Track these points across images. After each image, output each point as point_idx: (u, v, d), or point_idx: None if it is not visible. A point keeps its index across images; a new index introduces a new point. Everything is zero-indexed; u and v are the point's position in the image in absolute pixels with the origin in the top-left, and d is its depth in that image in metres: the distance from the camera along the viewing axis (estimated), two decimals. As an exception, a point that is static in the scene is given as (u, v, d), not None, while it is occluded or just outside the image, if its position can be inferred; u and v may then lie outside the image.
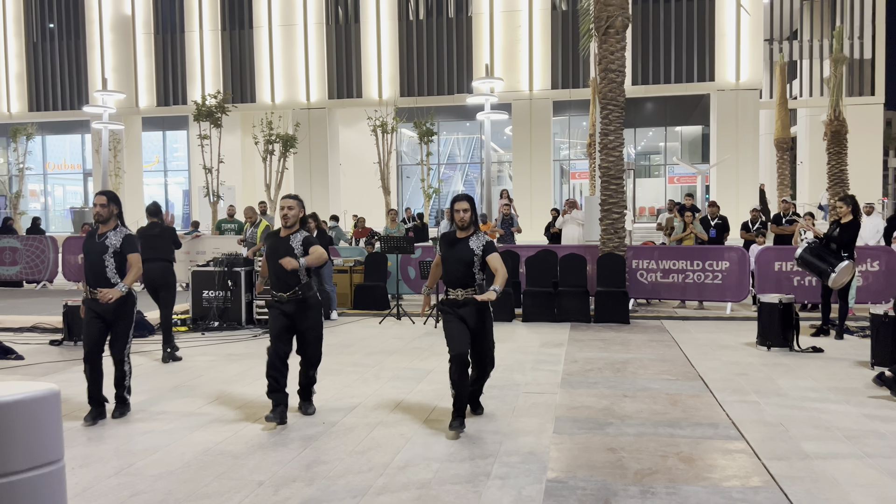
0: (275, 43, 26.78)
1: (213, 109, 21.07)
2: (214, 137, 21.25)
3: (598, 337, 8.88)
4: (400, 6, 26.21)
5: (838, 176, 17.11)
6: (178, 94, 27.58)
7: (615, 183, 11.05)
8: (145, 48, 27.74)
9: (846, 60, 18.71)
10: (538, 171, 25.68)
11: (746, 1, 23.66)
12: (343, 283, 11.84)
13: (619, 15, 10.87)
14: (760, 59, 24.65)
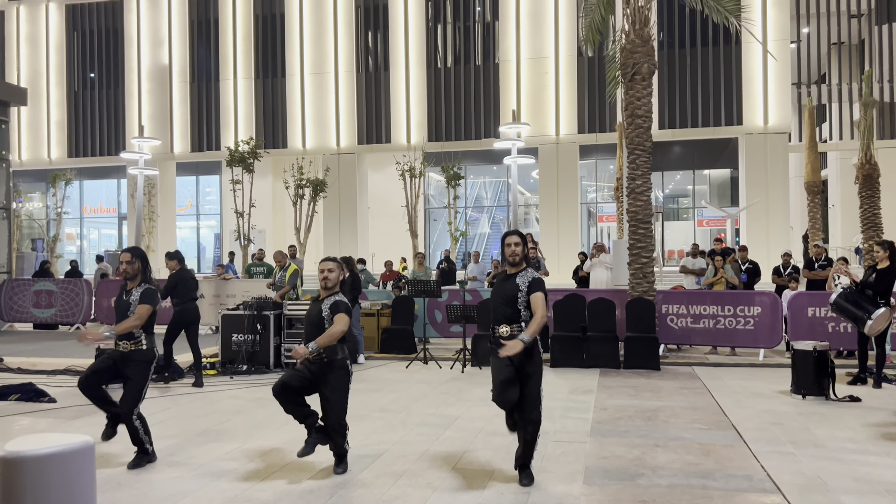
0: (306, 90, 27.41)
1: (246, 155, 21.53)
2: (246, 182, 21.67)
3: (627, 383, 8.75)
4: (428, 54, 26.74)
5: (871, 220, 16.86)
6: (212, 140, 28.25)
7: (643, 227, 11.01)
8: (181, 96, 28.56)
9: (876, 104, 18.58)
10: (565, 214, 25.69)
11: (772, 46, 23.75)
12: (370, 326, 11.87)
13: (645, 62, 10.97)
14: (788, 102, 24.60)
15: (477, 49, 26.74)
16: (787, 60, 24.68)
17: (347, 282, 10.68)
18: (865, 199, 17.10)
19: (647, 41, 11.06)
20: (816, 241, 17.80)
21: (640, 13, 11.07)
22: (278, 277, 10.98)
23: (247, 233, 21.83)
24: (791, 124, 25.70)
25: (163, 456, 5.60)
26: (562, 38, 25.57)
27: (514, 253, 4.84)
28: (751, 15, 21.90)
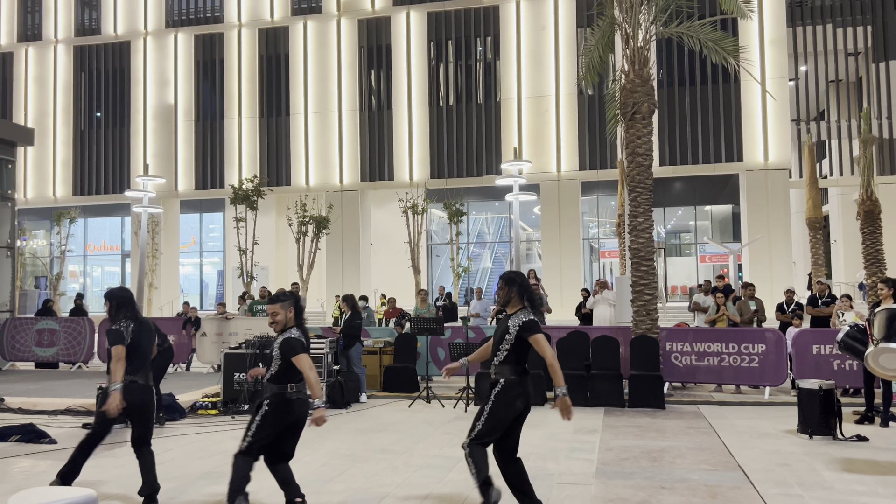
0: (310, 128, 27.71)
1: (250, 193, 21.68)
2: (250, 220, 21.79)
3: (633, 423, 8.67)
4: (430, 93, 27.07)
5: (874, 255, 16.86)
6: (216, 178, 28.48)
7: (646, 264, 11.02)
8: (186, 135, 28.87)
9: (875, 141, 18.73)
10: (567, 250, 25.73)
11: (771, 84, 24.02)
12: (373, 364, 11.81)
13: (645, 101, 11.10)
14: (788, 139, 24.79)
15: (478, 88, 27.08)
16: (786, 98, 24.94)
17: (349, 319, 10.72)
18: (867, 235, 17.13)
19: (647, 81, 11.20)
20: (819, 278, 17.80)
21: (639, 53, 11.24)
22: (281, 316, 10.96)
23: (250, 270, 21.86)
24: (791, 160, 25.86)
25: (164, 500, 5.54)
26: (562, 76, 25.91)
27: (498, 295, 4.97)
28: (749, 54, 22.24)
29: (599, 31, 12.22)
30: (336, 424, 8.81)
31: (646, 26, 11.35)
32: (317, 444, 7.59)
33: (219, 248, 30.88)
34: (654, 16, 11.36)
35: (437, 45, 27.28)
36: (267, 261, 27.27)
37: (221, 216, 30.17)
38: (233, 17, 28.75)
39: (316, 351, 10.08)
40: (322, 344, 10.14)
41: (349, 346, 10.65)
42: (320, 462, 6.76)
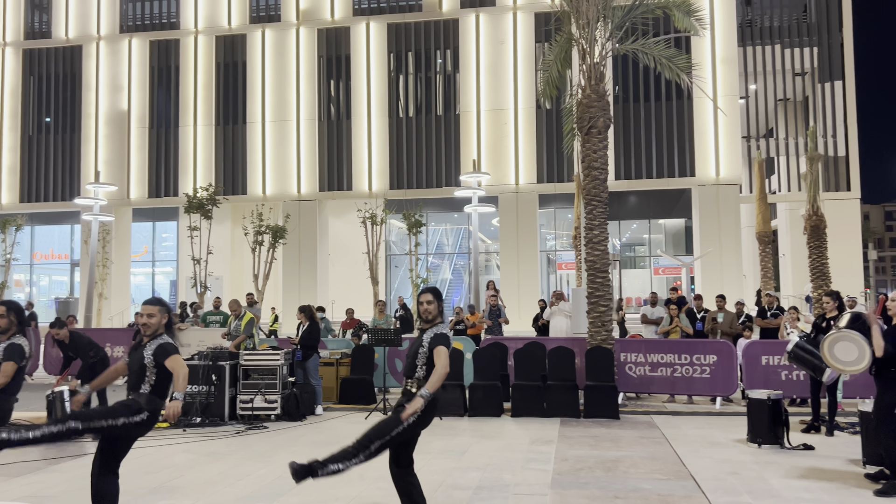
0: (267, 137, 27.44)
1: (204, 201, 21.35)
2: (204, 229, 21.43)
3: (588, 433, 8.75)
4: (390, 104, 27.09)
5: (820, 269, 17.39)
6: (170, 187, 27.97)
7: (601, 276, 11.17)
8: (139, 142, 28.32)
9: (821, 158, 19.38)
10: (525, 261, 25.93)
11: (722, 101, 24.68)
12: (329, 376, 11.70)
13: (600, 116, 11.29)
14: (739, 155, 25.46)
15: (438, 100, 27.20)
16: (737, 115, 25.63)
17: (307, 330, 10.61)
18: (814, 250, 17.67)
19: (603, 96, 11.40)
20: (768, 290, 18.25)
21: (595, 69, 11.44)
22: (233, 326, 10.81)
23: (204, 280, 21.49)
24: (742, 176, 26.55)
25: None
26: (520, 90, 26.20)
27: (426, 311, 4.88)
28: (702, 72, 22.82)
29: (557, 47, 12.41)
30: (291, 437, 8.69)
31: (602, 42, 11.56)
32: (271, 457, 7.48)
33: (172, 257, 30.28)
34: (610, 32, 11.58)
35: (397, 56, 27.34)
36: (221, 271, 26.84)
37: (175, 225, 29.61)
38: (189, 24, 28.37)
39: (271, 363, 9.96)
40: (277, 355, 10.01)
41: (307, 357, 10.54)
42: (274, 475, 6.66)
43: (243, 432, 8.99)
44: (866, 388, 10.33)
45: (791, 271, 28.58)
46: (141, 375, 4.70)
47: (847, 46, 28.46)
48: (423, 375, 4.77)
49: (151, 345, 4.76)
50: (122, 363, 4.93)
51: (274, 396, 9.82)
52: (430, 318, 4.90)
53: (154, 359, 4.69)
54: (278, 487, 6.20)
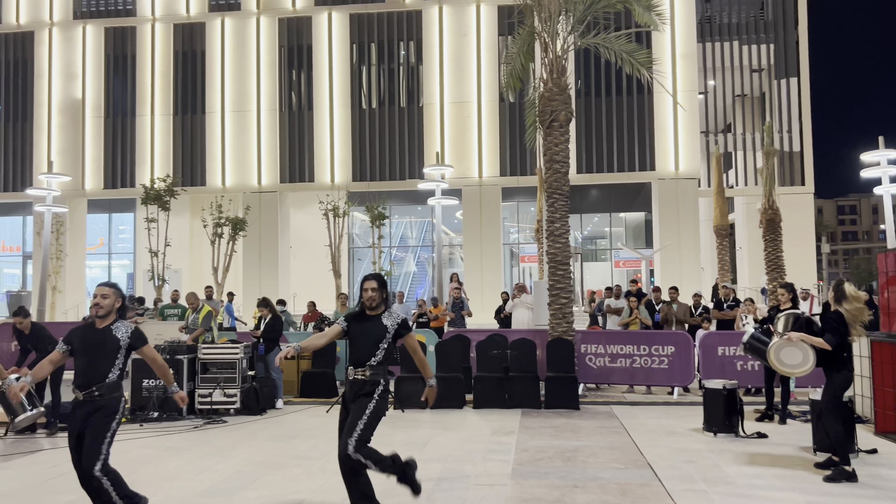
0: (227, 128, 27.02)
1: (162, 193, 20.95)
2: (162, 220, 21.04)
3: (548, 423, 8.83)
4: (353, 95, 26.89)
5: (775, 262, 17.77)
6: (127, 177, 27.38)
7: (562, 268, 11.25)
8: (94, 131, 27.65)
9: (777, 153, 19.81)
10: (488, 254, 26.03)
11: (682, 96, 25.05)
12: (290, 369, 11.59)
13: (562, 109, 11.35)
14: (697, 150, 25.89)
15: (401, 91, 27.08)
16: (696, 110, 26.04)
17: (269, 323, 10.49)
18: (769, 243, 18.04)
19: (565, 90, 11.46)
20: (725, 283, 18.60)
21: (557, 63, 11.49)
22: (191, 320, 10.64)
23: (161, 273, 21.10)
24: (700, 170, 27.01)
25: (62, 512, 5.27)
26: (484, 83, 26.23)
27: (371, 298, 4.85)
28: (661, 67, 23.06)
29: (520, 40, 12.43)
30: (251, 431, 8.60)
31: (564, 36, 11.62)
32: (230, 452, 7.39)
33: (129, 249, 29.68)
34: (571, 26, 11.64)
35: (360, 47, 27.13)
36: (180, 263, 26.40)
37: (132, 217, 29.02)
38: (146, 11, 27.75)
39: (230, 356, 9.83)
40: (236, 349, 9.89)
41: (269, 351, 10.43)
42: (233, 469, 6.58)
43: (202, 427, 8.87)
44: (817, 377, 10.58)
45: (747, 264, 29.18)
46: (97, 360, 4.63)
47: (802, 44, 29.10)
48: (380, 361, 4.78)
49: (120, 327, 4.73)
50: (57, 354, 4.77)
51: (233, 390, 9.70)
52: (373, 306, 4.87)
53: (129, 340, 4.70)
54: (237, 481, 6.13)
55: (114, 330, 4.72)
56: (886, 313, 8.20)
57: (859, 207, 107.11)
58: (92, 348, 4.65)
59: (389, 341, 4.82)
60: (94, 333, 4.70)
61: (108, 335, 4.69)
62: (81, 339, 4.69)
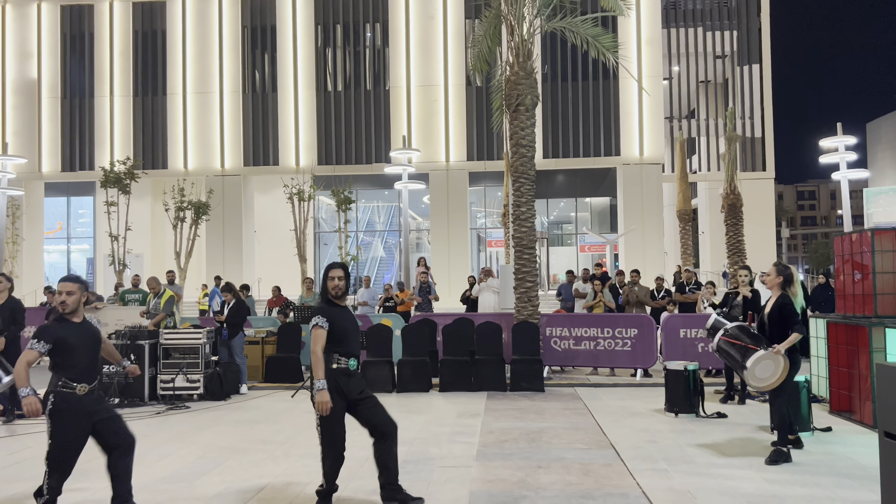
0: (189, 110, 26.52)
1: (122, 176, 20.51)
2: (122, 204, 20.61)
3: (513, 406, 8.89)
4: (318, 77, 26.56)
5: (736, 246, 18.11)
6: (85, 160, 26.75)
7: (528, 252, 11.30)
8: (50, 112, 26.92)
9: (739, 139, 20.09)
10: (456, 239, 26.05)
11: (647, 82, 25.25)
12: (254, 354, 11.49)
13: (528, 94, 11.35)
14: (662, 135, 26.16)
15: (367, 74, 26.83)
16: (660, 96, 26.28)
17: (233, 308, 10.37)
18: (731, 227, 18.38)
19: (531, 74, 11.45)
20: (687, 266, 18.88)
21: (523, 46, 11.47)
22: (152, 305, 10.46)
23: (122, 257, 20.70)
24: (664, 156, 27.32)
25: (20, 499, 5.16)
26: (451, 66, 26.11)
27: (336, 287, 4.76)
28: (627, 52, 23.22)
29: (487, 23, 12.38)
30: (214, 416, 8.51)
31: (530, 20, 11.59)
32: (193, 437, 7.30)
33: (89, 234, 29.06)
34: (538, 9, 11.62)
35: (325, 28, 26.78)
36: (141, 248, 25.92)
37: (91, 200, 28.40)
38: (104, -11, 27.03)
39: (192, 341, 9.70)
40: (199, 334, 9.76)
41: (233, 336, 10.31)
42: (196, 455, 6.51)
43: (164, 412, 8.75)
44: (776, 358, 10.85)
45: (710, 248, 29.69)
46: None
47: (764, 31, 29.51)
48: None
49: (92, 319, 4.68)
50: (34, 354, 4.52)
51: (196, 376, 9.58)
52: (339, 295, 4.78)
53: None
54: (200, 467, 6.07)
55: (91, 322, 4.69)
56: (842, 296, 8.41)
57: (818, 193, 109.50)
58: (92, 342, 4.60)
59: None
60: (80, 328, 4.59)
61: (91, 328, 4.65)
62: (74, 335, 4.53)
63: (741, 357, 6.29)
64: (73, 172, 26.92)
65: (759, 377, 6.15)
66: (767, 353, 6.07)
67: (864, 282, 7.91)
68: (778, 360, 6.08)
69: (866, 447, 6.50)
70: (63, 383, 4.46)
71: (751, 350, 6.21)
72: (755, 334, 6.41)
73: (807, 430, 7.04)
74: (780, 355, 6.05)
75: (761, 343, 6.23)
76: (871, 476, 5.45)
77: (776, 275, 6.33)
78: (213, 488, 5.41)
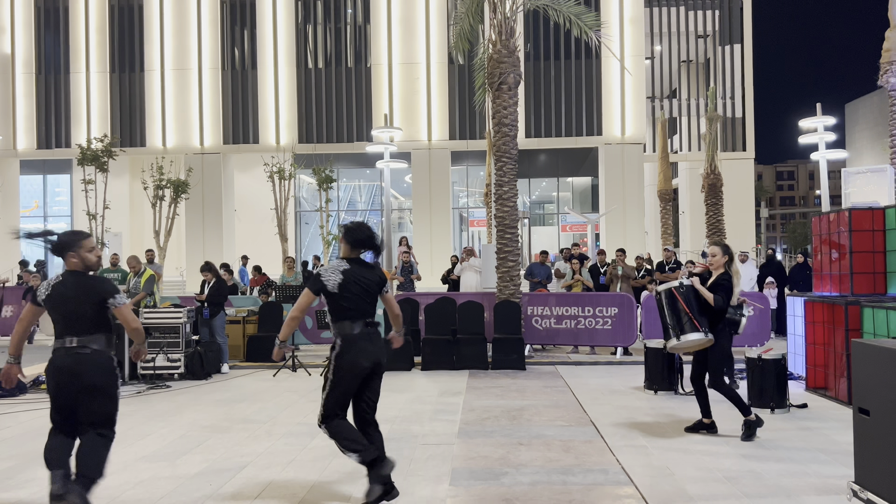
0: (167, 86, 26.12)
1: (99, 153, 20.20)
2: (100, 182, 20.33)
3: (495, 384, 8.96)
4: (298, 53, 26.24)
5: (716, 226, 18.27)
6: (62, 137, 26.30)
7: (510, 232, 11.32)
8: (25, 88, 26.39)
9: (720, 119, 20.19)
10: (438, 218, 26.01)
11: (629, 61, 25.22)
12: (235, 334, 11.44)
13: (511, 72, 11.30)
14: (643, 115, 26.20)
15: (348, 51, 26.55)
16: (643, 75, 26.28)
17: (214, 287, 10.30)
18: (711, 207, 18.52)
19: (513, 52, 11.40)
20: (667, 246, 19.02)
21: (506, 24, 11.40)
22: (132, 284, 10.36)
23: (100, 236, 20.45)
24: (646, 136, 27.38)
25: (1, 479, 5.13)
26: (433, 44, 25.90)
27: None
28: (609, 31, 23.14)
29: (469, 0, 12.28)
30: (195, 395, 8.49)
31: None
32: (174, 416, 7.28)
33: (66, 212, 28.67)
34: (521, -13, 11.53)
35: (305, 4, 26.42)
36: (120, 227, 25.61)
37: (68, 178, 27.98)
38: (79, -39, 26.42)
39: (173, 321, 9.64)
40: (179, 313, 9.69)
41: (214, 315, 10.26)
42: (177, 434, 6.49)
43: (145, 392, 8.71)
44: (755, 336, 11.02)
45: (690, 228, 29.92)
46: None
47: (746, 11, 29.55)
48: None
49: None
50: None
51: (177, 355, 9.54)
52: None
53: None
54: (181, 446, 6.06)
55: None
56: (819, 275, 8.52)
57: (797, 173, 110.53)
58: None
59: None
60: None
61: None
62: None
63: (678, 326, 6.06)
64: (49, 150, 26.48)
65: (680, 349, 6.28)
66: (707, 338, 5.99)
67: (840, 261, 8.01)
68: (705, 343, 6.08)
69: (841, 423, 6.63)
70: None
71: (690, 326, 6.01)
72: (703, 303, 6.07)
73: (783, 407, 7.16)
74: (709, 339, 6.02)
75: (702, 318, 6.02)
76: (844, 451, 5.57)
77: (722, 254, 6.14)
78: (194, 467, 5.41)
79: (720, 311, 6.05)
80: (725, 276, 6.09)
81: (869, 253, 7.77)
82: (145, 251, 15.49)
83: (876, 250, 7.76)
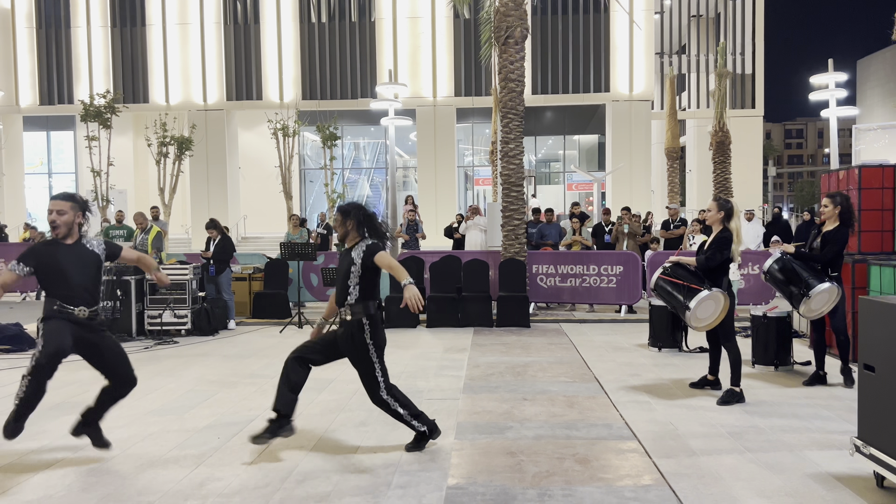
0: (169, 41, 25.79)
1: (102, 109, 20.06)
2: (104, 139, 20.24)
3: (499, 341, 9.01)
4: (301, 8, 25.82)
5: (723, 184, 18.13)
6: (64, 93, 26.11)
7: (516, 190, 11.26)
8: (27, 43, 26.10)
9: (729, 75, 19.86)
10: (443, 177, 25.88)
11: (638, 16, 24.75)
12: (241, 291, 11.51)
13: (518, 26, 11.10)
14: (652, 71, 25.81)
15: (352, 5, 26.10)
16: (652, 31, 25.82)
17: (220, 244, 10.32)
18: (718, 165, 18.35)
19: (521, 5, 11.18)
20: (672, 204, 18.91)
21: (513, -24, 11.15)
22: (139, 241, 10.39)
23: (105, 193, 20.45)
24: (654, 92, 27.02)
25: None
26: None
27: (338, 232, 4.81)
28: (618, -16, 22.65)
29: (475, -49, 12.01)
30: (203, 351, 8.57)
31: (520, -52, 11.24)
32: (182, 372, 7.36)
33: (70, 169, 28.63)
34: (528, -62, 11.26)
35: (309, -43, 25.90)
36: (124, 184, 25.60)
37: (72, 134, 27.86)
38: (77, -88, 25.86)
39: (179, 277, 9.68)
40: (185, 270, 9.73)
41: (220, 272, 10.30)
42: (185, 388, 6.57)
43: (153, 347, 8.79)
44: (758, 294, 11.03)
45: (696, 186, 29.74)
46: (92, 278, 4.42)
47: (759, -37, 28.87)
48: (358, 297, 4.56)
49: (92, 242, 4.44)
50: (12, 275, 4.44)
51: (184, 311, 9.60)
52: (343, 238, 4.73)
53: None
54: (189, 400, 6.13)
55: (88, 244, 4.43)
56: (826, 233, 8.46)
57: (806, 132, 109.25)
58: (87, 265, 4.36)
59: (360, 273, 4.58)
60: (71, 250, 4.33)
61: (84, 250, 4.39)
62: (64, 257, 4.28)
63: (683, 296, 5.84)
64: (51, 106, 26.31)
65: (701, 317, 5.84)
66: (713, 293, 5.72)
67: (848, 219, 7.94)
68: (718, 298, 5.77)
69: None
70: (59, 307, 4.31)
71: (693, 290, 5.78)
72: (693, 271, 5.96)
73: (787, 364, 7.19)
74: (721, 293, 5.74)
75: (703, 282, 5.81)
76: (848, 407, 5.60)
77: (717, 210, 5.89)
78: (203, 421, 5.48)
79: (718, 268, 5.86)
80: (725, 232, 5.84)
81: (878, 211, 7.71)
82: (150, 208, 15.49)
83: (885, 208, 7.69)
